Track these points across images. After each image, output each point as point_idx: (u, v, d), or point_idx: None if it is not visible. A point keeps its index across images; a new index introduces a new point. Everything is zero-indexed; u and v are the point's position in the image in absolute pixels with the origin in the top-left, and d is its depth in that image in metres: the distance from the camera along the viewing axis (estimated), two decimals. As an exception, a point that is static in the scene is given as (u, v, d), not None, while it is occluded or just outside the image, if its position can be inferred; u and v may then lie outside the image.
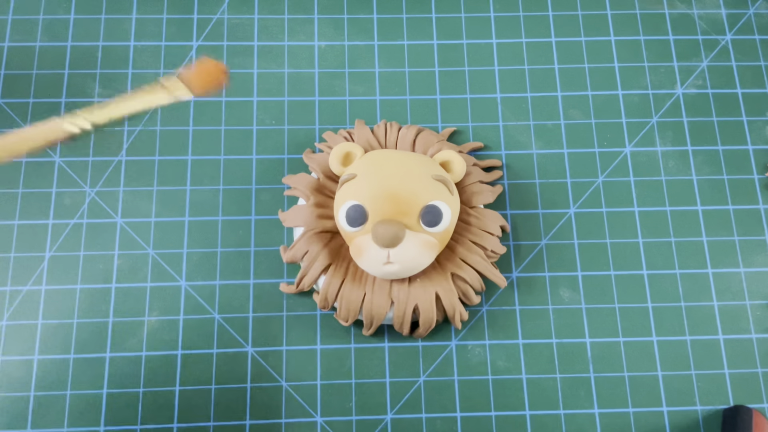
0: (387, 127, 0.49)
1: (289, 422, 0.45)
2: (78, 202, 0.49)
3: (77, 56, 0.52)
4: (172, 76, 0.42)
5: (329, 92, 0.52)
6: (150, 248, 0.48)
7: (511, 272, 0.48)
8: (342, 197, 0.44)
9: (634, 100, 0.52)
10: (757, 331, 0.47)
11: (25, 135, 0.40)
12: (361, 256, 0.42)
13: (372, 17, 0.54)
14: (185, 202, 0.49)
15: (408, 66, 0.53)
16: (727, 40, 0.54)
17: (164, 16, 0.54)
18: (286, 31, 0.54)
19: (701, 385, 0.46)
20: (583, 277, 0.48)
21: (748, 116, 0.52)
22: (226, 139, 0.50)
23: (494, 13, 0.55)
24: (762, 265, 0.49)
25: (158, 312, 0.47)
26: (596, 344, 0.47)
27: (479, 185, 0.47)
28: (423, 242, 0.42)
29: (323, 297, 0.44)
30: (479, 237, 0.46)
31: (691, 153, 0.51)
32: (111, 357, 0.46)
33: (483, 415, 0.45)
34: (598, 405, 0.45)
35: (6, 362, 0.45)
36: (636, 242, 0.49)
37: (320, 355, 0.46)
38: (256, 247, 0.48)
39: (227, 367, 0.46)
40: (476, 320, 0.47)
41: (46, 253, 0.47)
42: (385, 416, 0.45)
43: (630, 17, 0.55)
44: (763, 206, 0.50)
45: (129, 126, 0.51)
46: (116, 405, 0.45)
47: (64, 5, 0.54)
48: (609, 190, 0.50)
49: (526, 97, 0.52)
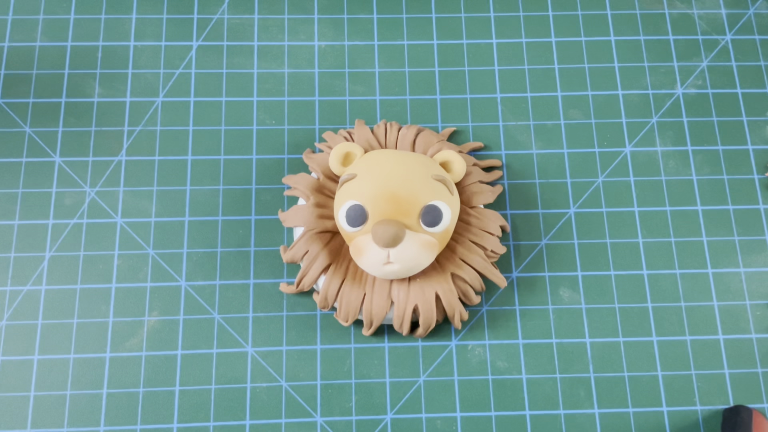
0: (387, 127, 0.48)
1: (289, 422, 0.45)
2: (78, 202, 0.49)
3: (77, 56, 0.52)
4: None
5: (329, 92, 0.52)
6: (150, 248, 0.48)
7: (511, 272, 0.48)
8: (342, 197, 0.44)
9: (634, 100, 0.52)
10: (757, 331, 0.47)
11: None
12: (361, 256, 0.42)
13: (372, 17, 0.54)
14: (185, 202, 0.49)
15: (408, 66, 0.53)
16: (727, 40, 0.54)
17: (164, 16, 0.54)
18: (286, 31, 0.54)
19: (701, 385, 0.46)
20: (583, 277, 0.48)
21: (748, 116, 0.52)
22: (226, 139, 0.50)
23: (494, 13, 0.55)
24: (762, 265, 0.49)
25: (158, 312, 0.47)
26: (596, 344, 0.47)
27: (479, 185, 0.47)
28: (423, 242, 0.42)
29: (323, 297, 0.44)
30: (479, 237, 0.46)
31: (691, 153, 0.51)
32: (111, 357, 0.46)
33: (483, 415, 0.45)
34: (598, 405, 0.45)
35: (6, 362, 0.45)
36: (636, 242, 0.49)
37: (320, 355, 0.46)
38: (256, 247, 0.48)
39: (227, 367, 0.46)
40: (476, 320, 0.47)
41: (46, 253, 0.47)
42: (385, 416, 0.45)
43: (630, 17, 0.55)
44: (763, 206, 0.50)
45: (129, 126, 0.51)
46: (116, 405, 0.45)
47: (64, 5, 0.54)
48: (609, 190, 0.50)
49: (526, 97, 0.52)
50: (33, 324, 0.46)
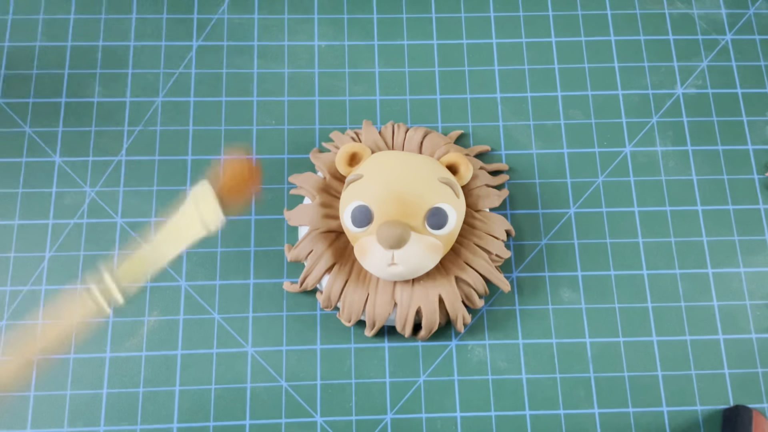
0: (394, 128, 0.48)
1: (289, 422, 0.45)
2: (78, 202, 0.49)
3: (77, 56, 0.52)
4: (200, 187, 0.40)
5: (329, 92, 0.52)
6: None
7: (511, 272, 0.48)
8: (348, 197, 0.44)
9: (634, 100, 0.52)
10: (757, 331, 0.47)
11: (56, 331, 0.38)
12: (365, 257, 0.42)
13: (372, 17, 0.54)
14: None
15: (408, 66, 0.53)
16: (727, 40, 0.54)
17: (164, 16, 0.54)
18: (286, 31, 0.54)
19: (701, 385, 0.46)
20: (583, 277, 0.48)
21: (748, 116, 0.52)
22: (226, 139, 0.50)
23: (494, 13, 0.55)
24: (762, 265, 0.49)
25: (158, 312, 0.47)
26: (596, 344, 0.47)
27: (485, 189, 0.47)
28: (428, 244, 0.42)
29: (326, 297, 0.44)
30: (484, 241, 0.45)
31: (691, 153, 0.51)
32: (111, 357, 0.45)
33: (483, 415, 0.45)
34: (598, 405, 0.45)
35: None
36: (636, 242, 0.49)
37: (320, 355, 0.46)
38: (256, 247, 0.48)
39: (227, 367, 0.46)
40: (476, 320, 0.47)
41: (46, 253, 0.47)
42: (385, 416, 0.45)
43: (630, 17, 0.55)
44: (763, 206, 0.50)
45: (129, 126, 0.51)
46: (116, 405, 0.45)
47: (64, 5, 0.54)
48: (609, 190, 0.50)
49: (526, 97, 0.52)
50: (33, 324, 0.46)
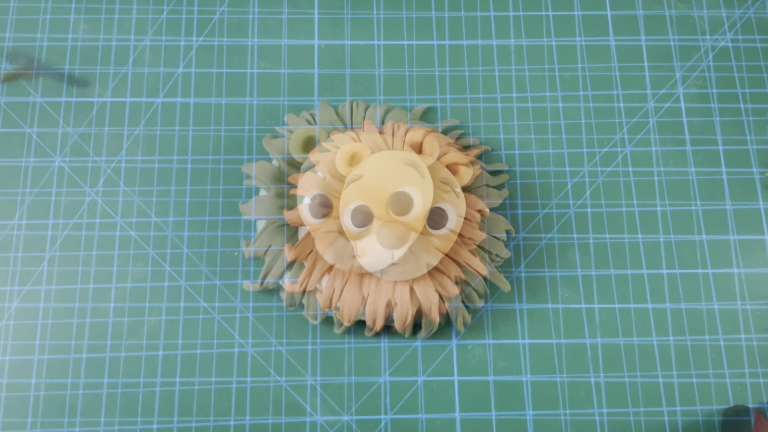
0: (395, 128, 0.48)
1: (289, 422, 0.45)
2: (78, 202, 0.48)
3: (77, 56, 0.52)
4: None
5: (329, 92, 0.52)
6: (150, 248, 0.48)
7: (511, 272, 0.48)
8: (347, 198, 0.44)
9: (634, 100, 0.52)
10: (757, 331, 0.47)
11: None
12: (365, 257, 0.42)
13: (372, 17, 0.54)
14: (186, 202, 0.49)
15: (409, 66, 0.53)
16: (727, 40, 0.54)
17: (164, 16, 0.53)
18: (285, 30, 0.53)
19: (701, 385, 0.46)
20: (583, 276, 0.48)
21: (748, 116, 0.52)
22: (226, 140, 0.50)
23: (494, 12, 0.55)
24: (762, 266, 0.49)
25: (158, 312, 0.46)
26: (596, 344, 0.47)
27: (485, 188, 0.47)
28: (428, 244, 0.42)
29: (326, 297, 0.44)
30: (484, 240, 0.46)
31: (690, 153, 0.51)
32: (111, 357, 0.45)
33: (483, 416, 0.45)
34: (600, 406, 0.46)
35: (6, 362, 0.45)
36: (636, 242, 0.49)
37: (320, 354, 0.46)
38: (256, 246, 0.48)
39: (227, 367, 0.46)
40: (477, 320, 0.47)
41: (46, 253, 0.47)
42: (384, 416, 0.45)
43: (630, 18, 0.55)
44: (763, 206, 0.50)
45: (129, 126, 0.50)
46: (116, 405, 0.45)
47: (64, 5, 0.53)
48: (609, 189, 0.50)
49: (526, 97, 0.52)
50: (33, 324, 0.46)
